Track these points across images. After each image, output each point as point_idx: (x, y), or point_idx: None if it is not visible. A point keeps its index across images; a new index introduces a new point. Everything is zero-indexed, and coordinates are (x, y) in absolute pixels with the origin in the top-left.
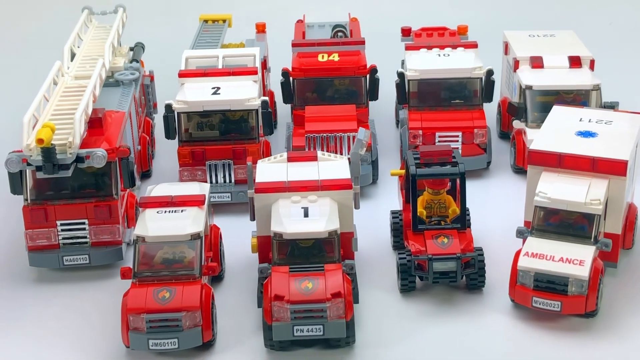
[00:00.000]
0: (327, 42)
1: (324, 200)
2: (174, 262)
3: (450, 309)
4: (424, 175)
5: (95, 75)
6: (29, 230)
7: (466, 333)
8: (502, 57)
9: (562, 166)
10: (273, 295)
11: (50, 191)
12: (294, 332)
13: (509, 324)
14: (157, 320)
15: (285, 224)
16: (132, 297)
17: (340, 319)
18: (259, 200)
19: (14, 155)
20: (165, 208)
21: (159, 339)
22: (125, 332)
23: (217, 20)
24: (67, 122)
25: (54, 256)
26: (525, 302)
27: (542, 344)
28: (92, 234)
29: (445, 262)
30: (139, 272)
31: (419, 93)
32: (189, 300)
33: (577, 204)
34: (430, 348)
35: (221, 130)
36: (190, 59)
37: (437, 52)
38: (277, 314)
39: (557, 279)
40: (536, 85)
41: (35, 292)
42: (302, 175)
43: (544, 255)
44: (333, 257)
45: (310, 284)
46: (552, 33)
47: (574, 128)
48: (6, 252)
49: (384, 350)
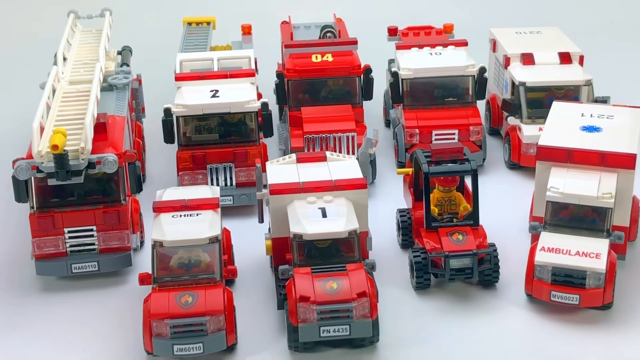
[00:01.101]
0: (320, 43)
1: (340, 200)
2: (192, 267)
3: (467, 304)
4: (438, 173)
5: (97, 80)
6: (36, 238)
7: (487, 328)
8: (489, 54)
9: (571, 161)
10: (298, 296)
11: (56, 198)
12: (321, 332)
13: (526, 317)
14: (181, 325)
15: (305, 225)
16: (155, 302)
17: (367, 319)
18: (274, 201)
19: (23, 163)
20: (180, 212)
21: (184, 344)
22: (148, 338)
23: (201, 22)
24: (73, 128)
25: (62, 264)
26: (544, 296)
27: (561, 337)
28: (100, 241)
29: (462, 258)
30: (158, 277)
31: (413, 92)
32: (213, 304)
33: (590, 198)
34: (455, 343)
35: (220, 133)
36: (185, 62)
37: (429, 50)
38: (303, 315)
39: (575, 272)
40: (530, 82)
41: (43, 301)
42: (314, 175)
43: (560, 250)
44: (353, 257)
45: (335, 284)
46: (538, 30)
47: (577, 123)
48: (9, 262)
49: (409, 348)
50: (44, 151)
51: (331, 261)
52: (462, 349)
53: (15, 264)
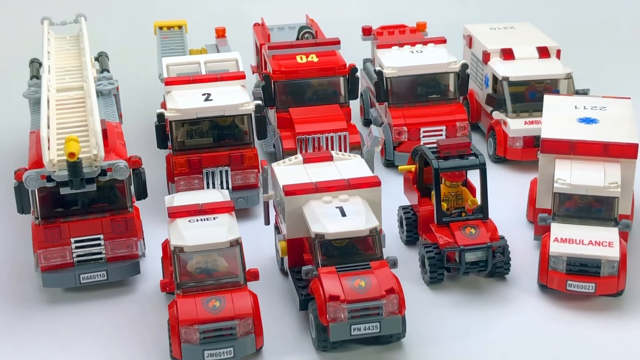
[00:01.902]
0: (304, 44)
1: (355, 199)
2: (212, 271)
3: (482, 297)
4: (448, 168)
5: (93, 86)
6: (41, 249)
7: (507, 318)
8: (464, 50)
9: (575, 153)
10: (328, 296)
11: (61, 208)
12: (352, 331)
13: (542, 305)
14: (210, 330)
15: (326, 225)
16: (182, 308)
17: (396, 315)
18: (289, 203)
19: (32, 173)
20: (196, 217)
21: (215, 349)
22: (177, 345)
23: (172, 26)
24: (78, 136)
25: (69, 275)
26: (559, 286)
27: (578, 323)
28: (108, 249)
29: (476, 251)
30: (182, 282)
31: (398, 90)
32: (241, 308)
33: (597, 188)
34: (481, 336)
35: (214, 137)
36: (171, 66)
37: (410, 49)
38: (334, 315)
39: (590, 261)
40: (513, 77)
41: (52, 314)
42: (324, 175)
43: (573, 240)
44: (375, 254)
45: (362, 282)
46: (511, 25)
47: (573, 116)
48: (10, 275)
49: (437, 344)
50: (56, 160)
51: (351, 260)
52: (489, 341)
53: (17, 277)
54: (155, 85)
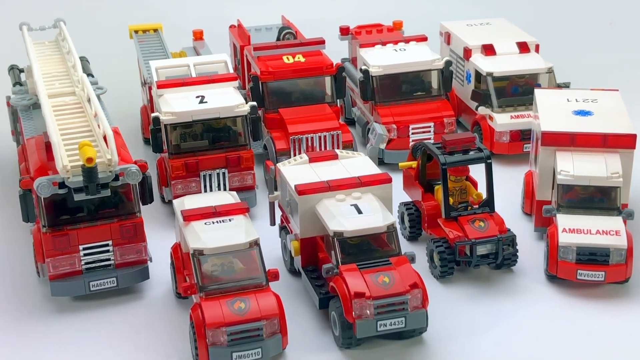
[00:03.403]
0: (289, 44)
1: (368, 196)
2: (229, 273)
3: (493, 289)
4: (454, 162)
5: (91, 90)
6: (50, 258)
7: (522, 309)
8: (442, 47)
9: (575, 145)
10: (353, 293)
11: (68, 215)
12: (378, 327)
13: (552, 295)
14: (238, 332)
15: (344, 223)
16: (208, 311)
17: (421, 309)
18: (302, 202)
19: (44, 180)
20: (211, 219)
21: (243, 350)
22: (204, 348)
23: (148, 30)
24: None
25: (79, 283)
26: (569, 275)
27: (590, 311)
28: (117, 255)
29: (487, 244)
30: (204, 285)
31: (385, 88)
32: (267, 308)
33: (600, 178)
34: (501, 328)
35: (210, 140)
36: (160, 70)
37: (392, 47)
38: (360, 311)
39: (599, 250)
40: (497, 72)
41: (62, 324)
42: (333, 174)
43: (581, 230)
44: (393, 250)
45: (386, 278)
46: (487, 21)
47: (568, 108)
48: (13, 285)
49: (460, 338)
50: (69, 166)
51: (369, 256)
52: (510, 333)
53: (21, 287)
54: (133, 89)
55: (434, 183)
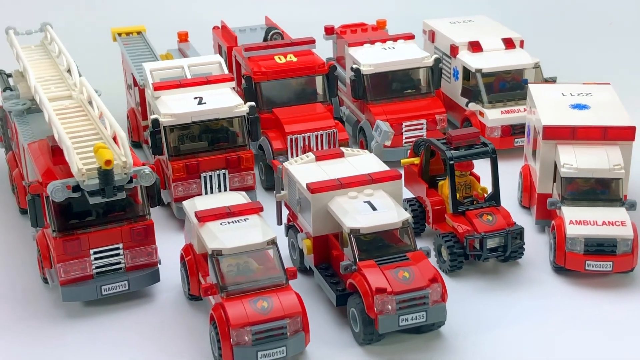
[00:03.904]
0: (280, 44)
1: (379, 193)
2: (246, 273)
3: (502, 281)
4: (461, 157)
5: (94, 93)
6: (61, 263)
7: (534, 300)
8: (425, 45)
9: (576, 138)
10: (374, 288)
11: (76, 219)
12: (400, 322)
13: (561, 286)
14: (263, 331)
15: (359, 219)
16: (232, 311)
17: (441, 303)
18: (315, 200)
19: (57, 183)
20: (226, 219)
21: (268, 349)
22: (228, 348)
23: (131, 32)
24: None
25: (90, 287)
26: (578, 267)
27: (603, 300)
28: (128, 258)
29: (496, 237)
30: (225, 285)
31: (376, 86)
32: (290, 307)
33: (603, 170)
34: (517, 320)
35: (209, 141)
36: (154, 72)
37: (381, 46)
38: (382, 307)
39: (606, 241)
40: (486, 68)
41: (75, 329)
42: (342, 172)
43: (588, 222)
44: (409, 246)
45: (406, 273)
46: (469, 19)
47: (564, 103)
48: (22, 291)
49: (478, 332)
50: (85, 169)
51: (385, 252)
52: (527, 325)
53: (29, 294)
54: (117, 92)
55: (436, 179)
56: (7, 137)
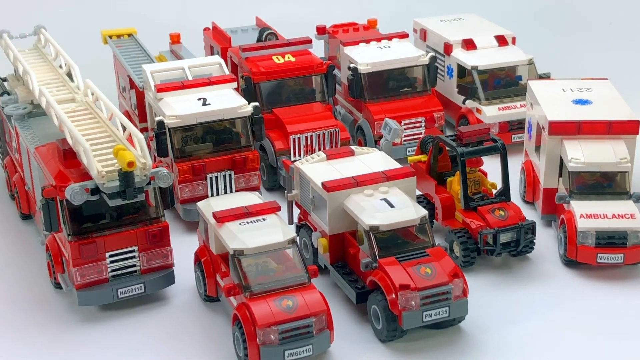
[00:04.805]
0: (277, 44)
1: (394, 190)
2: (267, 272)
3: (515, 276)
4: (472, 153)
5: (103, 95)
6: (77, 267)
7: (548, 293)
8: (416, 43)
9: (581, 133)
10: (398, 285)
11: (90, 222)
12: (423, 318)
13: (575, 279)
14: (289, 330)
15: (378, 217)
16: (258, 311)
17: (463, 298)
18: (331, 199)
19: (76, 187)
20: (245, 219)
21: (294, 348)
22: (255, 348)
23: (122, 35)
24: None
25: (107, 291)
26: (589, 259)
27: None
28: (143, 261)
29: (510, 232)
30: (248, 285)
31: (373, 85)
32: (315, 305)
33: (610, 164)
34: (535, 315)
35: (214, 142)
36: (155, 73)
37: (376, 44)
38: (405, 303)
39: (617, 234)
40: (482, 65)
41: (93, 334)
42: (354, 170)
43: (598, 215)
44: (427, 242)
45: (428, 269)
46: (459, 17)
47: (566, 98)
48: (33, 297)
49: (497, 326)
50: (104, 171)
51: (403, 249)
52: (547, 317)
53: (42, 299)
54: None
55: (443, 176)
56: (3, 142)
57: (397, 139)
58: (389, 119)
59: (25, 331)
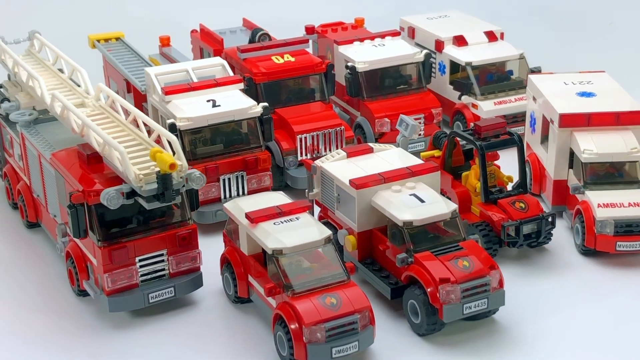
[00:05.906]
0: (275, 45)
1: (421, 185)
2: (301, 271)
3: (537, 267)
4: (491, 146)
5: (118, 96)
6: (108, 273)
7: (574, 282)
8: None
9: (591, 124)
10: (438, 279)
11: (117, 227)
12: (464, 310)
13: (596, 267)
14: (335, 327)
15: (411, 212)
16: (303, 309)
17: (500, 289)
18: (360, 196)
19: (111, 191)
20: (279, 219)
21: (341, 345)
22: (302, 347)
23: (109, 39)
24: (139, 149)
25: (138, 296)
26: (608, 248)
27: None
28: (173, 264)
29: (531, 223)
30: (289, 284)
31: (371, 83)
32: (358, 302)
33: (622, 154)
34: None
35: (225, 143)
36: (159, 76)
37: (371, 43)
38: (446, 297)
39: (635, 222)
40: (475, 61)
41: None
42: (378, 167)
43: (614, 204)
44: (459, 235)
45: (465, 262)
46: (445, 14)
47: (570, 91)
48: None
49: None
50: (141, 174)
51: (436, 243)
52: (577, 307)
53: (64, 306)
54: None
55: (459, 170)
56: (1, 150)
57: (415, 134)
58: (405, 116)
59: (56, 341)
